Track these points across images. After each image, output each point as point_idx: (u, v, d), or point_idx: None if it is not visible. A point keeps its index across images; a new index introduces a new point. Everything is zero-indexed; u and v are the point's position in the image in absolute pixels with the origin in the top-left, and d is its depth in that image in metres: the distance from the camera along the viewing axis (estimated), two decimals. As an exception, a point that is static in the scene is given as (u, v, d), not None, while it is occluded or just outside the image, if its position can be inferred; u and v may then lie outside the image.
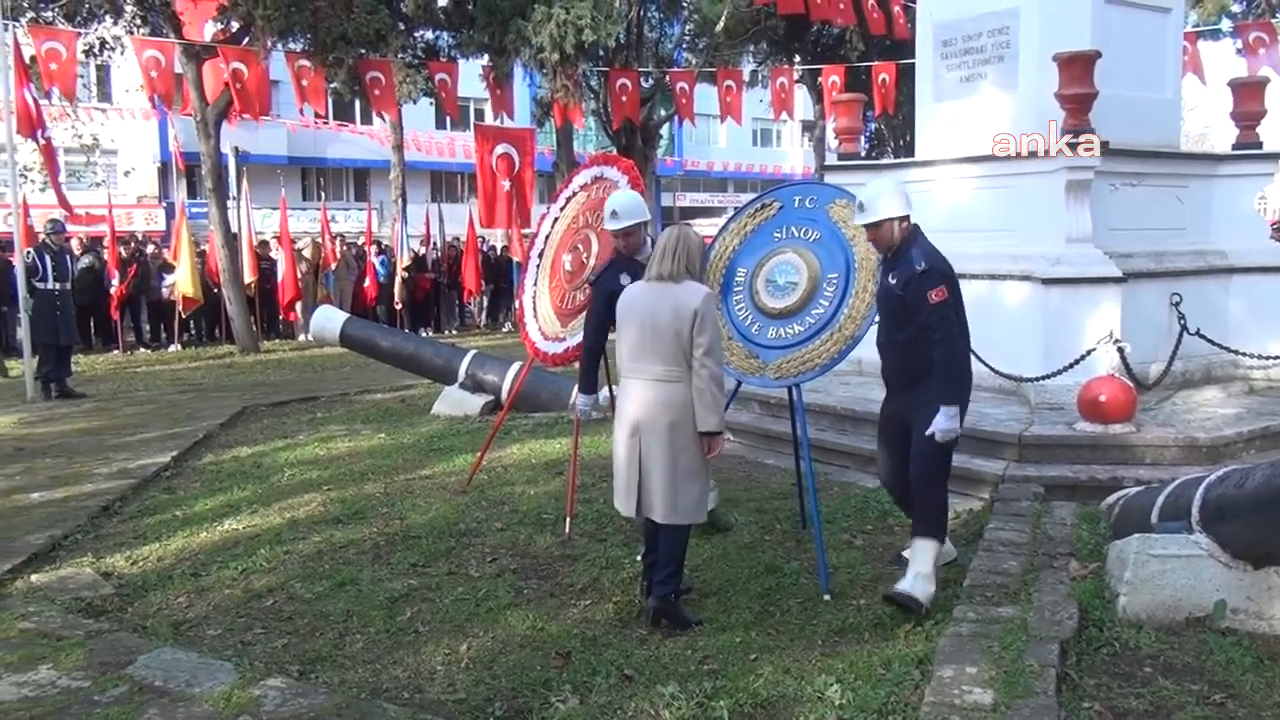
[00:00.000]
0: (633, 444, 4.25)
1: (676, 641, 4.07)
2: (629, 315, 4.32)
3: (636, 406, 4.25)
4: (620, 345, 4.36)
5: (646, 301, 4.26)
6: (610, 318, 4.75)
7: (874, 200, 4.44)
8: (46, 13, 14.69)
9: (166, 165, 30.42)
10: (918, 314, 4.31)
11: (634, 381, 4.28)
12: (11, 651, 3.97)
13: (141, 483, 6.90)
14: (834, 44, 24.43)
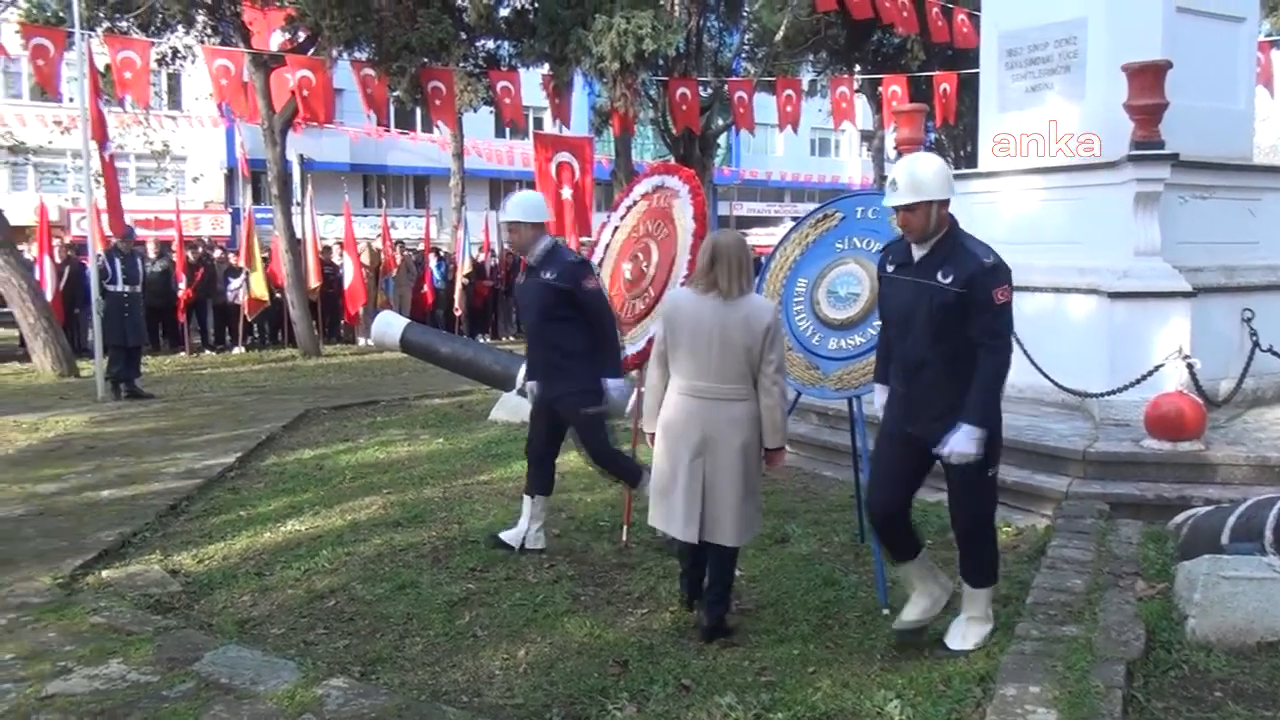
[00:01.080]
0: (696, 465, 4.10)
1: (734, 652, 4.06)
2: (687, 330, 4.11)
3: (701, 426, 4.10)
4: (677, 362, 4.18)
5: (712, 317, 4.07)
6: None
7: (918, 177, 3.74)
8: (121, 23, 15.09)
9: (233, 171, 31.10)
10: (979, 318, 3.68)
11: (697, 400, 4.11)
12: (83, 645, 4.07)
13: (207, 482, 7.05)
14: (895, 53, 24.27)
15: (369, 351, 16.40)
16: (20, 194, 26.91)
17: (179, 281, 15.93)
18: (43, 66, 12.08)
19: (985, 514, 4.05)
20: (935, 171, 3.79)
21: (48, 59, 12.06)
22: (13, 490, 6.81)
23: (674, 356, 4.19)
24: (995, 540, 4.13)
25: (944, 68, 20.10)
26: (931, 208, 3.75)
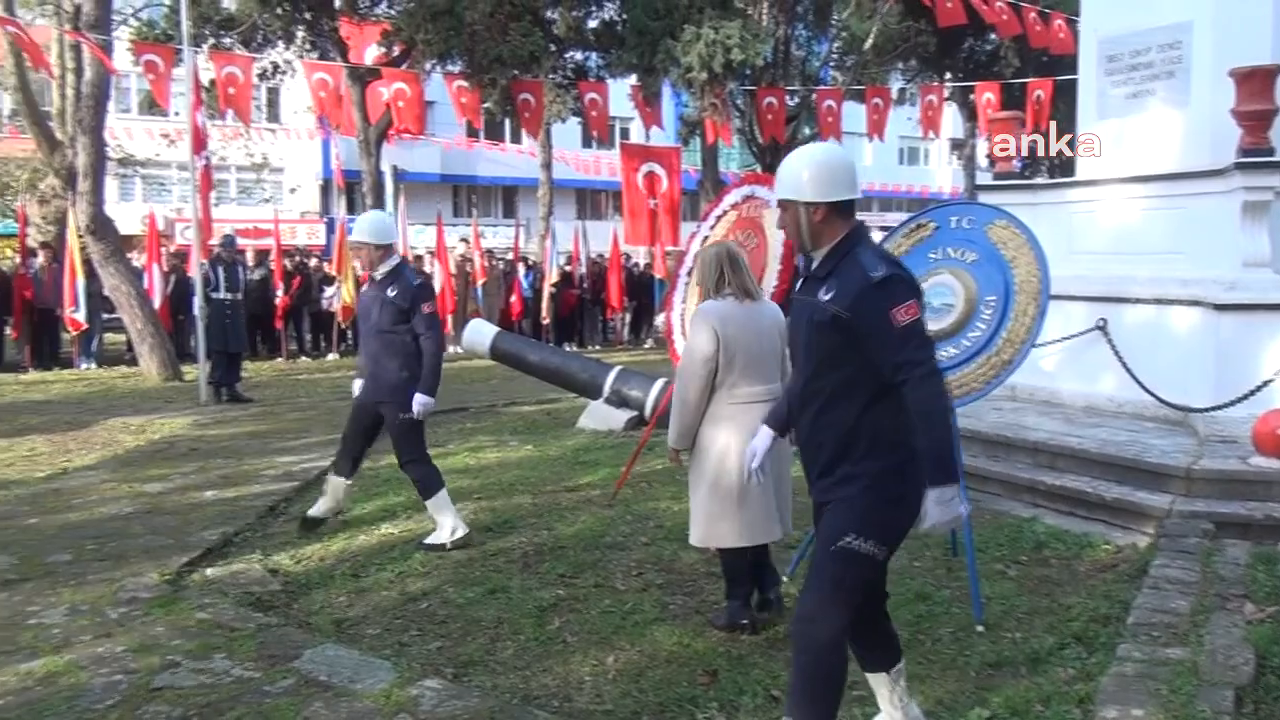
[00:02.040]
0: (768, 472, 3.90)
1: (824, 665, 4.02)
2: (741, 339, 4.14)
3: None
4: (730, 373, 4.16)
5: (754, 323, 4.19)
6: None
7: (783, 171, 3.08)
8: (225, 39, 15.63)
9: (328, 182, 31.90)
10: (878, 346, 2.85)
11: (755, 406, 4.05)
12: (190, 640, 4.21)
13: (304, 485, 7.23)
14: (987, 60, 23.87)
15: (458, 359, 16.64)
16: (128, 204, 27.99)
17: (276, 289, 16.41)
18: (154, 81, 12.56)
19: (826, 627, 2.89)
20: (802, 166, 3.00)
21: (158, 74, 12.53)
22: (122, 489, 7.08)
23: (729, 368, 4.16)
24: (836, 675, 2.95)
25: (1038, 74, 19.69)
26: (799, 210, 2.99)
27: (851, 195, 3.00)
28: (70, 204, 14.10)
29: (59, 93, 16.20)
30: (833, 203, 2.96)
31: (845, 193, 2.98)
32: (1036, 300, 4.72)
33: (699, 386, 4.20)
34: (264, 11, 15.19)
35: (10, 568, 5.24)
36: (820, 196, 2.95)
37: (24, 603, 4.69)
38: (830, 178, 2.97)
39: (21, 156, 21.64)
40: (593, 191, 39.02)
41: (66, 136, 14.48)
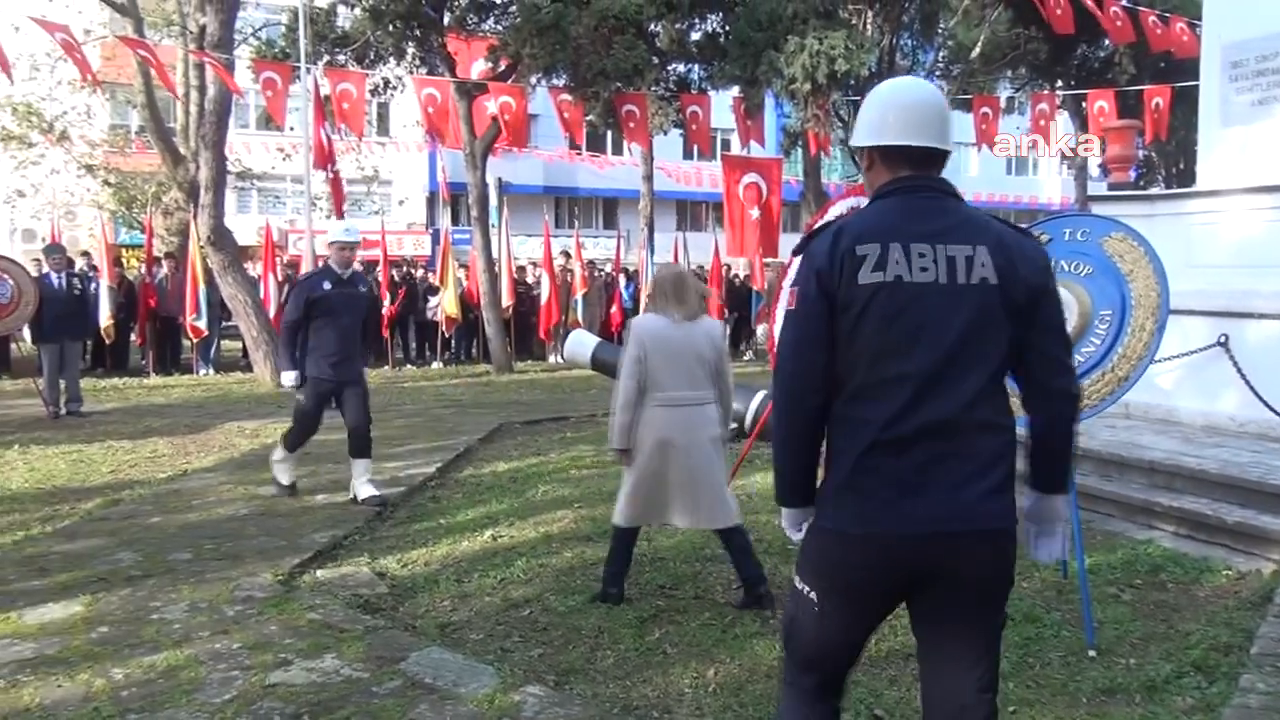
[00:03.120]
0: (682, 463, 4.73)
1: (928, 685, 3.95)
2: (667, 349, 4.75)
3: (683, 430, 4.74)
4: (656, 377, 4.73)
5: (683, 337, 4.78)
6: (305, 312, 6.84)
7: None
8: (340, 56, 16.13)
9: (434, 194, 32.65)
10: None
11: (677, 409, 4.74)
12: (302, 639, 4.35)
13: (410, 490, 7.40)
14: (1101, 67, 23.20)
15: (559, 368, 16.87)
16: (245, 216, 29.04)
17: (383, 299, 16.83)
18: (271, 98, 13.04)
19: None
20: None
21: (276, 91, 13.00)
22: (238, 491, 7.34)
23: (654, 375, 4.76)
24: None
25: (1155, 81, 19.05)
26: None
27: (902, 140, 2.42)
28: (192, 216, 14.72)
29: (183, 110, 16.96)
30: (877, 148, 2.47)
31: (891, 135, 2.43)
32: (1155, 315, 4.57)
33: (629, 389, 4.78)
34: (377, 29, 15.62)
35: (135, 564, 5.48)
36: (860, 139, 2.50)
37: (147, 598, 4.90)
38: (878, 115, 2.46)
39: (148, 171, 22.69)
40: (693, 203, 39.08)
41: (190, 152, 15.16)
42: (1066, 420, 2.43)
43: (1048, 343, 2.36)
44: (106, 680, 3.91)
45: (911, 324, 2.29)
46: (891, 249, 2.30)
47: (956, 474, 2.28)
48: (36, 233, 26.59)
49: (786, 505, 2.51)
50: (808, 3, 15.65)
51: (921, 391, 2.28)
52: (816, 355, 2.36)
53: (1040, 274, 2.35)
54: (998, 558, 2.33)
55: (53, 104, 21.83)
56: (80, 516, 6.63)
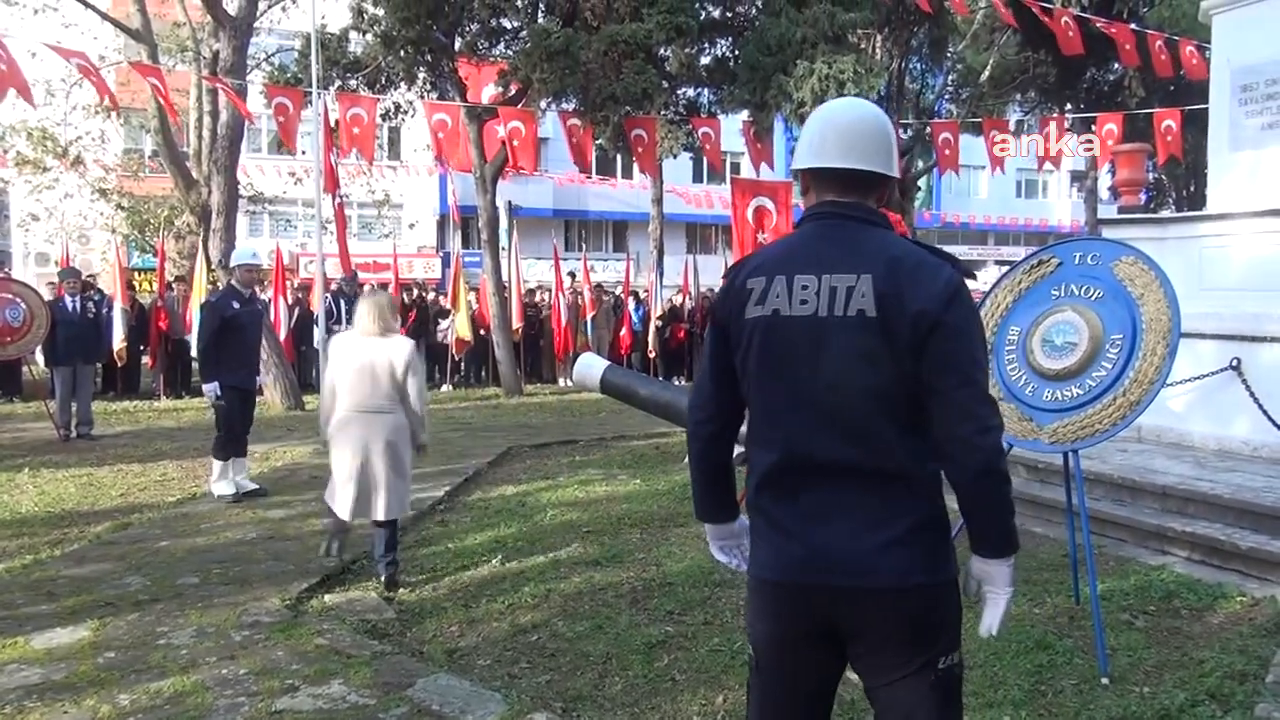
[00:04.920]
0: (358, 463, 5.44)
1: (939, 714, 3.90)
2: (349, 364, 5.47)
3: (363, 433, 5.44)
4: (341, 388, 5.48)
5: (365, 353, 5.47)
6: (218, 331, 7.70)
7: None
8: (351, 81, 16.24)
9: (444, 218, 32.77)
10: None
11: (354, 416, 5.46)
12: (309, 665, 4.33)
13: (418, 515, 7.38)
14: (1110, 90, 23.23)
15: (568, 392, 16.86)
16: (256, 239, 29.18)
17: (393, 322, 16.88)
18: (283, 123, 13.13)
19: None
20: None
21: (288, 116, 13.09)
22: (246, 515, 7.34)
23: (338, 386, 5.49)
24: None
25: (1164, 104, 19.06)
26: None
27: (814, 163, 2.25)
28: (203, 240, 14.80)
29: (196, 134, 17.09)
30: (809, 170, 2.27)
31: (807, 158, 2.26)
32: (1166, 339, 4.54)
33: (326, 396, 5.62)
34: (388, 54, 15.73)
35: (143, 589, 5.48)
36: (795, 162, 2.33)
37: (155, 623, 4.89)
38: (817, 137, 2.27)
39: (161, 195, 22.84)
40: (702, 226, 39.17)
41: (202, 176, 15.24)
42: (974, 476, 2.08)
43: (945, 383, 2.05)
44: (113, 706, 3.90)
45: (783, 360, 2.15)
46: (775, 282, 2.16)
47: (849, 523, 2.10)
48: (50, 256, 26.75)
49: (697, 518, 2.51)
50: (817, 27, 15.72)
51: (795, 434, 2.14)
52: (709, 387, 2.33)
53: (935, 305, 2.04)
54: (898, 617, 2.09)
55: (67, 129, 22.01)
56: (89, 540, 6.63)
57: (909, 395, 2.09)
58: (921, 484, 2.12)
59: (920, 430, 2.11)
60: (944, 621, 2.14)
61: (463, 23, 16.36)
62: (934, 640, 2.12)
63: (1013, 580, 2.18)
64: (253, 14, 14.49)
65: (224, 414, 7.95)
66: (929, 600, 2.11)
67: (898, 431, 2.09)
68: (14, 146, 22.58)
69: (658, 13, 14.84)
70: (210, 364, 7.86)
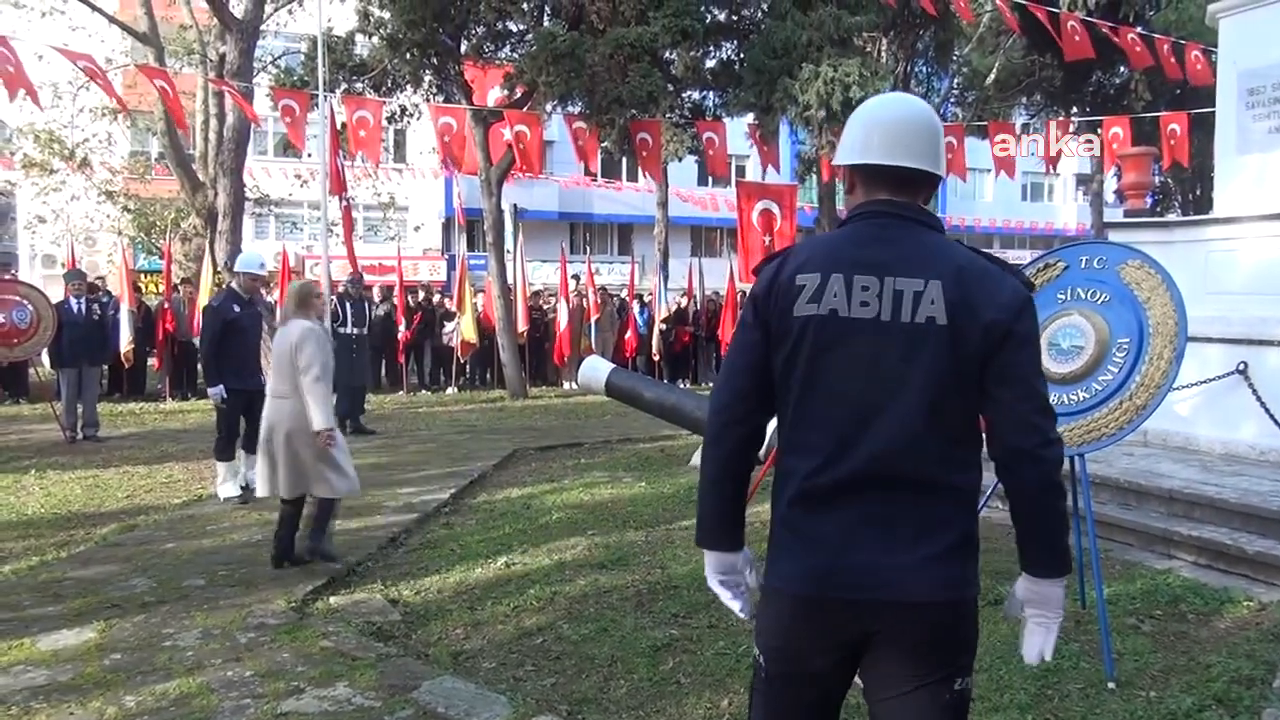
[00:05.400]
0: (266, 443, 5.87)
1: (945, 718, 3.90)
2: (273, 352, 5.88)
3: (270, 417, 5.86)
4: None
5: (278, 340, 5.86)
6: (220, 334, 7.89)
7: None
8: (357, 84, 16.27)
9: (450, 220, 32.81)
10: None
11: (269, 399, 5.91)
12: (314, 667, 4.33)
13: (424, 517, 7.39)
14: (1116, 94, 23.19)
15: (573, 394, 16.88)
16: (263, 242, 29.23)
17: (399, 324, 16.91)
18: (290, 125, 13.15)
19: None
20: None
21: (294, 118, 13.12)
22: (251, 517, 7.35)
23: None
24: None
25: (1171, 107, 19.03)
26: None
27: (862, 159, 2.19)
28: (209, 242, 14.83)
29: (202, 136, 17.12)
30: (857, 168, 2.22)
31: (871, 154, 2.19)
32: (1173, 342, 4.54)
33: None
34: (394, 57, 15.76)
35: (149, 590, 5.48)
36: (840, 158, 2.28)
37: (160, 624, 4.90)
38: (862, 133, 2.21)
39: (167, 197, 22.91)
40: (707, 229, 39.17)
41: (209, 178, 15.28)
42: (1035, 488, 2.04)
43: (1010, 395, 2.02)
44: (119, 708, 3.91)
45: (839, 364, 2.06)
46: (832, 280, 2.07)
47: (888, 536, 2.03)
48: (56, 258, 26.81)
49: (699, 544, 2.29)
50: (822, 30, 15.73)
51: (847, 442, 2.05)
52: (744, 384, 2.18)
53: (1006, 315, 2.01)
54: (935, 632, 2.04)
55: (74, 131, 22.09)
56: (95, 542, 6.65)
57: (965, 407, 2.04)
58: (964, 499, 2.08)
59: (968, 443, 2.06)
60: (967, 638, 2.10)
61: (468, 26, 16.39)
62: (955, 657, 2.08)
63: (1063, 603, 2.11)
64: (259, 17, 14.55)
65: (225, 416, 8.11)
66: (958, 616, 2.06)
67: (949, 444, 2.04)
68: (21, 149, 22.66)
69: (663, 16, 14.85)
70: (213, 367, 8.04)
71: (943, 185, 25.81)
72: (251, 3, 14.08)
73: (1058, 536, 2.08)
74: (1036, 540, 2.09)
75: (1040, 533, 2.08)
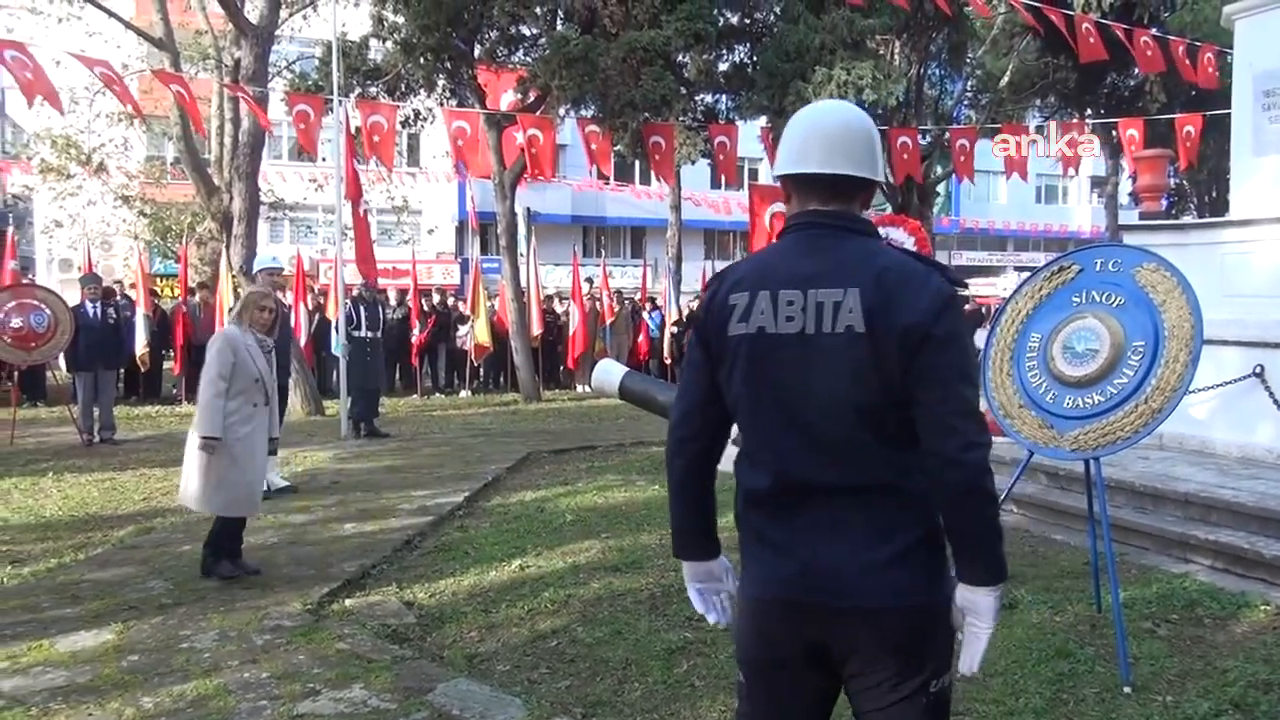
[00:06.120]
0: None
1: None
2: (245, 362, 5.76)
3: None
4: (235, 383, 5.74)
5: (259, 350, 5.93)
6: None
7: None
8: (371, 89, 16.33)
9: (463, 224, 32.89)
10: None
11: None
12: (330, 669, 4.35)
13: (438, 520, 7.42)
14: (1131, 95, 23.10)
15: (586, 397, 16.90)
16: (277, 245, 29.35)
17: (413, 328, 16.97)
18: (304, 130, 13.21)
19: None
20: None
21: (308, 123, 13.17)
22: (267, 519, 7.38)
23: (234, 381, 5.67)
24: None
25: (1186, 109, 18.95)
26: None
27: (798, 169, 2.17)
28: (225, 246, 14.91)
29: (217, 141, 17.22)
30: (790, 177, 2.20)
31: (790, 164, 2.18)
32: (1189, 345, 4.52)
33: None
34: (408, 62, 15.82)
35: (165, 592, 5.52)
36: (776, 168, 2.25)
37: (178, 626, 4.93)
38: (799, 142, 2.19)
39: (183, 202, 23.03)
40: (720, 232, 39.17)
41: (224, 183, 15.36)
42: (958, 493, 2.00)
43: (931, 398, 1.99)
44: (137, 709, 3.93)
45: (771, 379, 2.08)
46: (759, 298, 2.09)
47: (842, 542, 2.03)
48: (73, 262, 26.99)
49: (675, 555, 2.34)
50: (835, 33, 15.73)
51: (787, 451, 2.08)
52: (693, 401, 2.23)
53: (924, 318, 1.98)
54: (893, 636, 2.02)
55: (91, 136, 22.24)
56: (112, 544, 6.69)
57: (900, 412, 2.02)
58: (916, 502, 2.06)
59: (913, 447, 2.04)
60: (938, 641, 2.08)
61: (482, 30, 16.44)
62: (927, 661, 2.06)
63: (998, 613, 2.06)
64: (274, 22, 14.60)
65: None
66: (924, 620, 2.05)
67: (891, 449, 2.04)
68: (39, 154, 22.82)
69: (676, 19, 14.87)
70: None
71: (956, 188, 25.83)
72: (267, 8, 14.13)
73: (986, 543, 2.04)
74: (964, 547, 2.06)
75: (967, 539, 2.05)
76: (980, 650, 2.06)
